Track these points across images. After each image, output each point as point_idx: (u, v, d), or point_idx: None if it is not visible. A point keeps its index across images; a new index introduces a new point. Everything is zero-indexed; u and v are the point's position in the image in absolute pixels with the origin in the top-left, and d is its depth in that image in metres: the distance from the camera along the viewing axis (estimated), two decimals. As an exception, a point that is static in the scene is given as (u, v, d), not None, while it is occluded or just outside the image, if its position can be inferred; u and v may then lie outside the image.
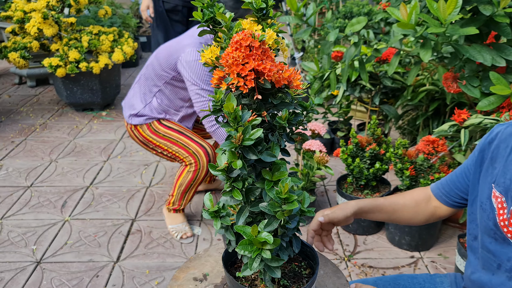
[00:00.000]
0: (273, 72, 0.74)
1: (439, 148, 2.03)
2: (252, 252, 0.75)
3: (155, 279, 2.03)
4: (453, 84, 1.92)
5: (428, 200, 1.25)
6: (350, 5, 3.55)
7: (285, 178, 0.73)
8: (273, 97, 0.79)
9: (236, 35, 0.74)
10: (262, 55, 0.75)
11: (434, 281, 1.31)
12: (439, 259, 2.16)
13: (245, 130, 0.71)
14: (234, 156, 0.74)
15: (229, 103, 0.72)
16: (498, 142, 1.07)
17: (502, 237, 1.02)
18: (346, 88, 2.59)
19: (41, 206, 2.59)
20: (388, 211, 1.25)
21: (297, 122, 0.93)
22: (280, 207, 0.72)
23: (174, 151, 2.20)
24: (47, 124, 3.80)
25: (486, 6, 1.76)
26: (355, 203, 1.23)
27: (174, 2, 3.48)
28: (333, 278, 1.09)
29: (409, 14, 1.73)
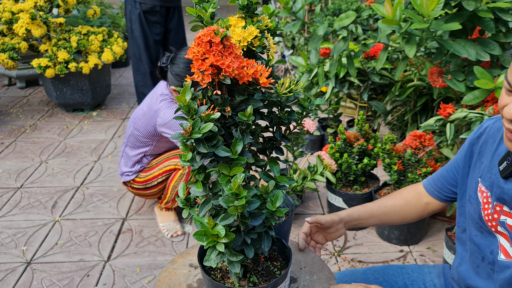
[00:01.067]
0: (232, 68, 0.75)
1: (426, 142, 2.05)
2: (206, 243, 0.76)
3: (146, 277, 2.04)
4: (438, 79, 1.94)
5: (419, 197, 1.27)
6: (338, 2, 3.56)
7: (239, 174, 0.74)
8: (239, 93, 0.80)
9: (200, 31, 0.76)
10: (223, 51, 0.76)
11: (422, 271, 1.34)
12: (427, 252, 2.18)
13: (195, 123, 0.72)
14: (186, 148, 0.75)
15: (182, 96, 0.73)
16: (486, 137, 1.08)
17: (487, 230, 1.04)
18: (335, 85, 2.61)
19: (32, 207, 2.58)
20: (378, 215, 1.26)
21: (292, 121, 0.94)
22: (233, 202, 0.73)
23: (167, 165, 2.26)
24: (37, 125, 3.79)
25: (469, 1, 1.78)
26: (344, 211, 1.26)
27: (152, 3, 3.41)
28: (324, 285, 1.10)
29: (393, 10, 1.75)
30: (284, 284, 0.94)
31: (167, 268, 1.14)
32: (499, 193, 1.00)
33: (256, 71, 0.80)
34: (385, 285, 1.30)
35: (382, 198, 1.31)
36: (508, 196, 0.97)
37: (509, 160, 0.96)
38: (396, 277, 1.33)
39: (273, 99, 0.93)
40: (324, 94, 2.86)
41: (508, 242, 0.99)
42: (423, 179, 2.03)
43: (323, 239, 1.26)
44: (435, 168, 2.07)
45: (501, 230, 1.00)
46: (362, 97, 2.62)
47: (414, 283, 1.30)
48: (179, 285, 1.08)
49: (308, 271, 1.16)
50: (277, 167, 1.02)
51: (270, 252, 1.05)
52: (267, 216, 0.87)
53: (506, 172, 0.96)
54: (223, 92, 0.84)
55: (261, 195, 0.89)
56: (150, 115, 2.18)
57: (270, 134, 1.02)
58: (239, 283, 0.93)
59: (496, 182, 1.01)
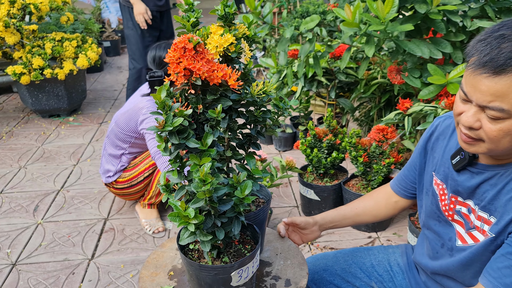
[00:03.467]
0: (202, 71, 0.87)
1: (388, 135, 2.21)
2: (179, 223, 0.89)
3: (129, 272, 2.13)
4: (397, 76, 2.11)
5: (388, 197, 1.40)
6: (306, 5, 3.72)
7: (206, 163, 0.86)
8: (211, 93, 0.93)
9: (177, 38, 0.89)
10: (196, 56, 0.88)
11: (387, 251, 1.47)
12: (394, 237, 2.35)
13: (167, 118, 0.85)
14: (161, 139, 0.88)
15: (158, 93, 0.86)
16: (437, 134, 1.22)
17: (445, 219, 1.18)
18: (304, 84, 2.76)
19: (13, 212, 2.63)
20: (351, 216, 1.39)
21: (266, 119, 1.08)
22: (201, 188, 0.86)
23: (151, 160, 2.35)
24: (13, 131, 3.81)
25: (421, 4, 1.95)
26: (318, 214, 1.38)
27: (150, 9, 3.57)
28: (295, 269, 1.22)
29: (353, 14, 1.90)
30: (252, 263, 1.06)
31: (156, 251, 1.26)
32: (453, 185, 1.12)
33: (225, 74, 0.93)
34: (354, 267, 1.42)
35: (354, 201, 1.44)
36: (461, 187, 1.10)
37: (462, 155, 1.08)
38: (364, 259, 1.45)
39: (248, 99, 1.06)
40: (295, 93, 3.00)
41: (463, 228, 1.12)
42: (387, 169, 2.19)
43: (299, 239, 1.37)
44: (398, 159, 2.23)
45: (457, 218, 1.13)
46: (330, 95, 2.77)
47: (380, 263, 1.43)
48: (165, 266, 1.20)
49: (283, 257, 1.29)
50: (253, 161, 1.15)
51: (243, 237, 1.17)
52: (236, 203, 0.99)
53: (459, 166, 1.09)
54: (197, 92, 0.96)
55: (232, 184, 1.01)
56: (134, 111, 2.25)
57: (248, 131, 1.15)
58: (212, 262, 1.05)
59: (450, 175, 1.13)
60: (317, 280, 1.42)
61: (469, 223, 1.10)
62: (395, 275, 1.39)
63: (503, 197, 1.00)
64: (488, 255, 1.05)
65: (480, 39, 0.92)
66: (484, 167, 1.05)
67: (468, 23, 2.08)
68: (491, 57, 0.87)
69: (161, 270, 1.21)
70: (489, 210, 1.04)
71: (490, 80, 0.88)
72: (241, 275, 1.04)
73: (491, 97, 0.88)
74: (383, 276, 1.40)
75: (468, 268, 1.11)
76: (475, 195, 1.08)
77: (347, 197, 2.36)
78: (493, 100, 0.88)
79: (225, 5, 1.04)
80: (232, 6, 1.05)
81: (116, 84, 5.15)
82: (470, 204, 1.09)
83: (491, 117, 0.91)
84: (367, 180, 2.31)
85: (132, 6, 3.54)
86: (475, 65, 0.90)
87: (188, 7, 1.07)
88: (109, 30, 6.44)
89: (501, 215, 1.01)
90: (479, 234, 1.07)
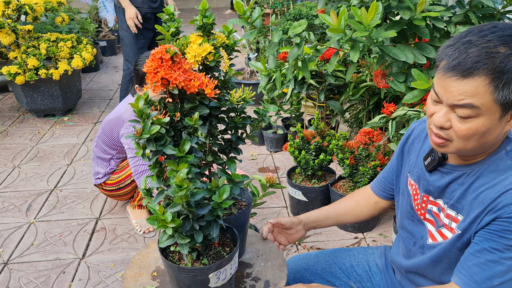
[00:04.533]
0: (178, 81, 0.91)
1: (374, 138, 2.25)
2: (157, 227, 0.93)
3: (120, 271, 2.17)
4: (382, 80, 2.15)
5: (368, 198, 1.45)
6: (299, 7, 3.76)
7: (183, 169, 0.89)
8: (188, 102, 0.97)
9: (154, 49, 0.93)
10: (172, 66, 0.92)
11: (366, 252, 1.52)
12: (379, 238, 2.39)
13: (145, 126, 0.89)
14: (138, 146, 0.92)
15: (136, 102, 0.90)
16: (413, 137, 1.28)
17: (417, 218, 1.23)
18: (294, 86, 2.80)
19: (6, 211, 2.67)
20: (334, 216, 1.43)
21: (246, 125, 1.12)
22: (178, 193, 0.90)
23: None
24: (8, 131, 3.85)
25: (405, 11, 1.99)
26: (302, 214, 1.42)
27: (144, 11, 3.64)
28: (275, 271, 1.27)
29: (338, 20, 1.94)
30: (230, 265, 1.10)
31: (141, 251, 1.30)
32: (425, 185, 1.18)
33: (202, 83, 0.97)
34: (334, 267, 1.47)
35: (337, 201, 1.48)
36: (432, 187, 1.15)
37: (433, 156, 1.14)
38: (344, 259, 1.50)
39: (228, 106, 1.10)
40: (286, 95, 3.05)
41: (434, 227, 1.17)
42: (372, 171, 2.24)
43: (285, 240, 1.41)
44: (384, 161, 2.27)
45: (428, 217, 1.19)
46: (320, 97, 2.82)
47: (359, 264, 1.48)
48: (149, 266, 1.24)
49: (264, 259, 1.33)
50: (234, 165, 1.19)
51: (223, 239, 1.22)
52: (214, 207, 1.03)
53: (431, 166, 1.15)
54: (175, 100, 1.00)
55: (211, 189, 1.06)
56: (117, 122, 2.32)
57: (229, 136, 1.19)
58: (192, 264, 1.09)
59: (423, 175, 1.19)
60: (299, 279, 1.47)
61: (439, 221, 1.15)
62: (373, 275, 1.44)
63: (469, 196, 1.06)
64: (456, 251, 1.10)
65: (449, 45, 0.98)
66: (453, 167, 1.11)
67: (452, 29, 2.12)
68: (459, 61, 0.93)
69: (144, 271, 1.25)
70: (456, 208, 1.09)
71: (459, 82, 0.94)
72: (219, 276, 1.08)
73: (461, 96, 0.94)
74: (362, 276, 1.45)
75: (437, 265, 1.16)
76: (444, 194, 1.13)
77: (334, 198, 2.41)
78: (462, 99, 0.94)
79: (204, 15, 1.09)
80: (210, 17, 1.09)
81: (111, 84, 5.18)
82: (440, 203, 1.14)
83: (461, 116, 0.96)
84: (353, 182, 2.36)
85: None
86: (444, 68, 0.96)
87: (168, 17, 1.11)
88: (106, 29, 6.47)
89: (467, 213, 1.06)
90: (447, 232, 1.12)
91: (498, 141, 1.03)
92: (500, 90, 0.92)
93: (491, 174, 1.03)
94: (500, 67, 0.90)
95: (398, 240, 1.37)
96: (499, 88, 0.91)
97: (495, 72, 0.91)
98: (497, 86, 0.91)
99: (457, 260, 1.10)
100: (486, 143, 1.00)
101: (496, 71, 0.91)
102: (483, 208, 1.02)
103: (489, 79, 0.91)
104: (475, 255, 1.02)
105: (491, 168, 1.03)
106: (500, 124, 0.97)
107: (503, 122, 0.97)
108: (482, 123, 0.95)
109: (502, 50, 0.91)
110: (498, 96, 0.92)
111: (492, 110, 0.94)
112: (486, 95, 0.92)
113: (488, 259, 1.00)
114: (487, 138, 0.98)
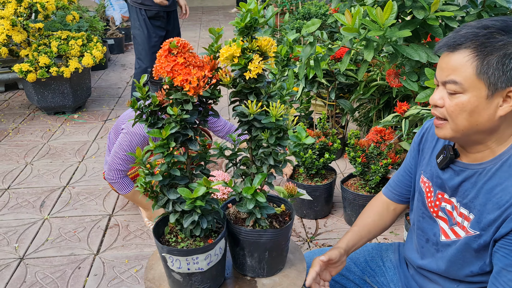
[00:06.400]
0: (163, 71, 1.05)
1: (386, 136, 2.27)
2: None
3: (134, 267, 2.20)
4: (395, 80, 2.17)
5: (386, 207, 1.44)
6: (308, 6, 3.78)
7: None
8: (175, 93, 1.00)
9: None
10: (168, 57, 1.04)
11: (380, 248, 1.54)
12: (390, 235, 2.41)
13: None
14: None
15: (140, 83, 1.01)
16: (427, 135, 1.29)
17: (429, 216, 1.25)
18: (305, 85, 2.82)
19: (20, 207, 2.70)
20: (365, 235, 1.40)
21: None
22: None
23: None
24: (19, 128, 3.88)
25: (419, 11, 2.01)
26: (342, 244, 1.34)
27: (156, 9, 3.66)
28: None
29: (353, 19, 1.96)
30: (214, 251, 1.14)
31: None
32: (439, 183, 1.19)
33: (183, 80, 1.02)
34: (349, 262, 1.50)
35: (360, 217, 1.44)
36: (447, 185, 1.17)
37: (445, 153, 1.16)
38: (358, 255, 1.53)
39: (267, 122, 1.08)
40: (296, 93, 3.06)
41: (446, 225, 1.19)
42: (384, 170, 2.25)
43: (329, 275, 1.30)
44: (395, 159, 2.29)
45: (441, 215, 1.20)
46: (330, 96, 2.84)
47: (373, 259, 1.51)
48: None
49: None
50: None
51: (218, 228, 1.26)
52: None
53: (443, 164, 1.16)
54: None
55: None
56: (122, 126, 2.35)
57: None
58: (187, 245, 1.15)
59: (436, 173, 1.21)
60: None
61: (452, 219, 1.17)
62: (387, 270, 1.47)
63: (482, 196, 1.07)
64: (471, 252, 1.12)
65: (446, 37, 1.06)
66: (464, 166, 1.12)
67: (465, 28, 2.13)
68: (450, 38, 1.02)
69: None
70: (469, 207, 1.11)
71: (448, 57, 1.01)
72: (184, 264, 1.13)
73: (448, 71, 1.00)
74: (376, 271, 1.47)
75: (452, 264, 1.17)
76: (458, 193, 1.14)
77: (346, 196, 2.42)
78: (449, 74, 1.00)
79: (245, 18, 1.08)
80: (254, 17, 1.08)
81: (120, 82, 5.21)
82: (454, 201, 1.16)
83: (449, 93, 1.02)
84: (365, 180, 2.38)
85: (139, 7, 3.60)
86: (439, 46, 1.05)
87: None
88: (113, 27, 6.50)
89: (481, 213, 1.07)
90: (460, 230, 1.14)
91: (495, 129, 1.03)
92: (481, 66, 0.97)
93: (504, 174, 1.04)
94: (482, 42, 0.97)
95: (411, 236, 1.38)
96: (481, 64, 0.96)
97: (477, 47, 0.97)
98: (479, 61, 0.96)
99: (472, 260, 1.12)
100: (479, 126, 1.02)
101: (479, 46, 0.97)
102: (500, 212, 1.02)
103: (473, 54, 0.97)
104: (507, 269, 1.02)
105: (504, 168, 1.04)
106: (489, 105, 0.99)
107: (493, 105, 0.99)
108: (468, 99, 0.99)
109: (491, 30, 0.98)
110: (480, 72, 0.97)
111: (476, 86, 0.98)
112: (469, 70, 0.97)
113: None
114: (477, 118, 1.01)
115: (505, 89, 0.97)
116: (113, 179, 2.31)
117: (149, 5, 3.62)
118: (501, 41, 0.96)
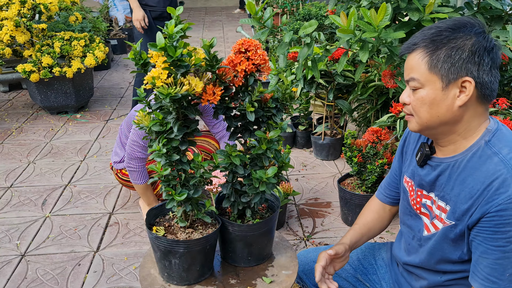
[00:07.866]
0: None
1: (382, 137, 2.30)
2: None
3: (133, 264, 2.24)
4: (390, 80, 2.19)
5: (383, 207, 1.49)
6: (308, 7, 3.80)
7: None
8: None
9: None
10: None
11: (373, 247, 1.58)
12: (386, 235, 2.44)
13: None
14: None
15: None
16: (409, 138, 1.35)
17: (414, 213, 1.30)
18: (304, 86, 2.85)
19: (22, 205, 2.75)
20: (366, 233, 1.45)
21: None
22: None
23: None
24: (22, 127, 3.93)
25: (414, 12, 2.03)
26: (346, 240, 1.38)
27: (161, 10, 3.68)
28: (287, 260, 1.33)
29: (348, 21, 1.98)
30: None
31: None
32: (418, 180, 1.25)
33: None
34: None
35: (360, 218, 1.49)
36: (424, 181, 1.22)
37: (422, 150, 1.21)
38: (351, 254, 1.56)
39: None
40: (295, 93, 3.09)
41: (428, 219, 1.24)
42: (380, 169, 2.28)
43: (333, 269, 1.33)
44: (391, 159, 2.32)
45: (424, 211, 1.25)
46: (329, 96, 2.86)
47: (365, 258, 1.54)
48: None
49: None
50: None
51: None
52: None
53: (421, 161, 1.22)
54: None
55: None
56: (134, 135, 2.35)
57: None
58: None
59: (416, 171, 1.26)
60: (307, 271, 1.53)
61: (432, 213, 1.22)
62: (378, 268, 1.50)
63: (456, 188, 1.12)
64: (449, 242, 1.16)
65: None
66: (439, 160, 1.17)
67: (460, 30, 2.15)
68: (407, 42, 1.11)
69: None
70: (445, 200, 1.16)
71: (408, 58, 1.11)
72: None
73: (408, 71, 1.10)
74: (368, 269, 1.51)
75: (432, 255, 1.22)
76: (436, 188, 1.19)
77: (342, 196, 2.45)
78: (409, 73, 1.10)
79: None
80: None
81: (122, 82, 5.26)
82: (432, 196, 1.21)
83: (412, 89, 1.10)
84: (361, 180, 2.40)
85: (143, 8, 3.62)
86: (401, 54, 1.15)
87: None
88: (116, 28, 6.55)
89: (455, 203, 1.12)
90: (438, 223, 1.19)
91: (458, 119, 1.08)
92: (431, 60, 1.04)
93: (474, 164, 1.09)
94: (431, 40, 1.05)
95: (400, 236, 1.42)
96: (431, 59, 1.04)
97: (427, 44, 1.05)
98: (429, 57, 1.05)
99: (450, 249, 1.16)
100: (441, 117, 1.08)
101: (429, 43, 1.05)
102: (472, 201, 1.07)
103: (424, 52, 1.06)
104: (482, 256, 1.07)
105: (474, 159, 1.09)
106: (446, 97, 1.06)
107: (450, 96, 1.05)
108: (426, 93, 1.07)
109: (440, 29, 1.06)
110: (431, 66, 1.04)
111: (431, 80, 1.06)
112: (422, 66, 1.06)
113: (495, 258, 1.05)
114: (437, 110, 1.07)
115: (457, 79, 1.04)
116: (133, 168, 2.35)
117: (153, 6, 3.64)
118: (447, 37, 1.04)
